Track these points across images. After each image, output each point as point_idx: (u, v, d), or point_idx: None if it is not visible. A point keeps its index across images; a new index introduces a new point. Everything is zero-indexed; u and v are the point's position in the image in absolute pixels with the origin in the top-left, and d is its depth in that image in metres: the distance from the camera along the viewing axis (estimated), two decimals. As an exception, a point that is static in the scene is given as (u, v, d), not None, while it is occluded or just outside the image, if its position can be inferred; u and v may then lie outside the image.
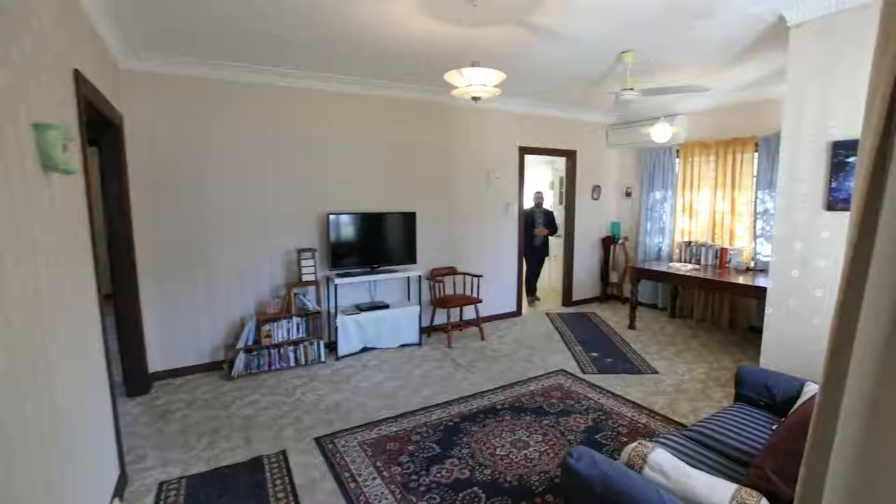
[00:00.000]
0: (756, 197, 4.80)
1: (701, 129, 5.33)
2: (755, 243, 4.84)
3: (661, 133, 4.59)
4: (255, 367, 3.99)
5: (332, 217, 4.35)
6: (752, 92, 4.78)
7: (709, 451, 2.07)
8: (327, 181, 4.48)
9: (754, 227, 4.84)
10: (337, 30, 3.12)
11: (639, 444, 1.79)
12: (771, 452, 1.64)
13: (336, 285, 4.38)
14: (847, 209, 2.60)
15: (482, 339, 4.96)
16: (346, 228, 4.49)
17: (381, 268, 4.72)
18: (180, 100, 3.78)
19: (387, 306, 4.64)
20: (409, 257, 4.83)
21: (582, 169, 6.20)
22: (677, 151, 5.59)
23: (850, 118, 2.58)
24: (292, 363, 4.15)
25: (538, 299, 6.58)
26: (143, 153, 3.66)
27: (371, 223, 4.62)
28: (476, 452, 2.78)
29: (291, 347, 4.15)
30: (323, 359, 4.27)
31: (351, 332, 4.42)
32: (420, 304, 4.81)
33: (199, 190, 3.92)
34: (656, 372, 4.00)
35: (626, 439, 2.90)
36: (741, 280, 4.36)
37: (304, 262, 4.23)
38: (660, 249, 5.87)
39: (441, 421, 3.18)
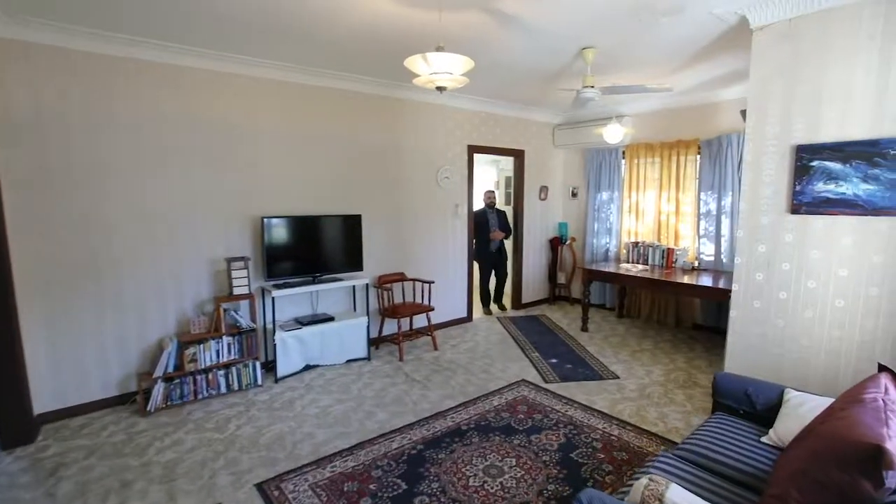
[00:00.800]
0: (699, 198, 4.94)
1: (646, 131, 5.41)
2: (699, 243, 4.98)
3: (613, 134, 4.56)
4: (177, 398, 3.40)
5: (267, 220, 3.84)
6: (696, 96, 4.90)
7: (710, 474, 1.92)
8: (262, 180, 3.95)
9: (698, 227, 4.97)
10: (280, 8, 2.67)
11: (650, 480, 1.58)
12: (794, 481, 1.49)
13: (273, 298, 3.87)
14: (813, 212, 2.62)
15: (435, 349, 4.67)
16: (284, 233, 3.99)
17: (324, 276, 4.26)
18: (73, 78, 3.10)
19: (331, 319, 4.20)
20: (355, 264, 4.42)
21: (530, 169, 6.10)
22: (623, 152, 5.65)
23: (814, 122, 2.59)
24: (224, 390, 3.59)
25: (504, 308, 6.15)
26: (19, 142, 2.95)
27: (313, 227, 4.15)
28: (447, 486, 2.48)
29: (222, 372, 3.59)
30: (260, 382, 3.75)
31: (291, 349, 3.94)
32: (368, 314, 4.42)
33: (100, 186, 3.25)
34: (617, 376, 3.93)
35: (602, 456, 2.74)
36: (686, 279, 4.44)
37: (234, 273, 3.68)
38: (607, 250, 5.92)
39: (403, 449, 2.84)
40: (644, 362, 4.24)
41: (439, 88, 2.48)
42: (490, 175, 7.64)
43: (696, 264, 4.87)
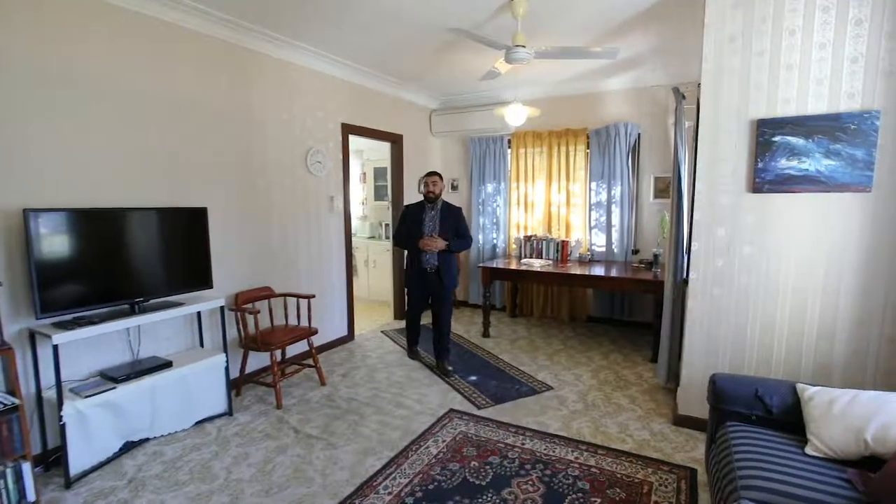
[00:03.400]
0: (589, 188, 4.86)
1: (531, 120, 5.13)
2: (590, 234, 4.90)
3: (515, 115, 4.11)
4: None
5: (35, 217, 2.26)
6: (582, 85, 4.81)
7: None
8: (27, 150, 2.33)
9: (589, 218, 4.89)
10: None
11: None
12: None
13: (55, 346, 2.29)
14: (775, 191, 2.47)
15: (323, 383, 3.55)
16: (72, 237, 2.43)
17: (151, 302, 2.79)
18: None
19: (167, 365, 2.76)
20: (200, 279, 3.04)
21: (409, 157, 5.33)
22: (509, 141, 5.31)
23: (774, 95, 2.44)
24: (-49, 530, 1.94)
25: (448, 373, 3.68)
26: None
27: (126, 227, 2.66)
28: None
29: (-54, 497, 1.93)
30: (31, 497, 2.16)
31: (97, 425, 2.41)
32: (226, 349, 3.08)
33: None
34: (550, 386, 3.45)
35: (598, 500, 2.15)
36: (579, 270, 4.27)
37: (-31, 311, 2.03)
38: (495, 246, 5.52)
39: (334, 566, 1.79)
40: (566, 365, 3.88)
41: None
42: (354, 166, 6.61)
43: (591, 256, 4.77)
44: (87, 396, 2.37)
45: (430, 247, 3.62)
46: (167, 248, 2.87)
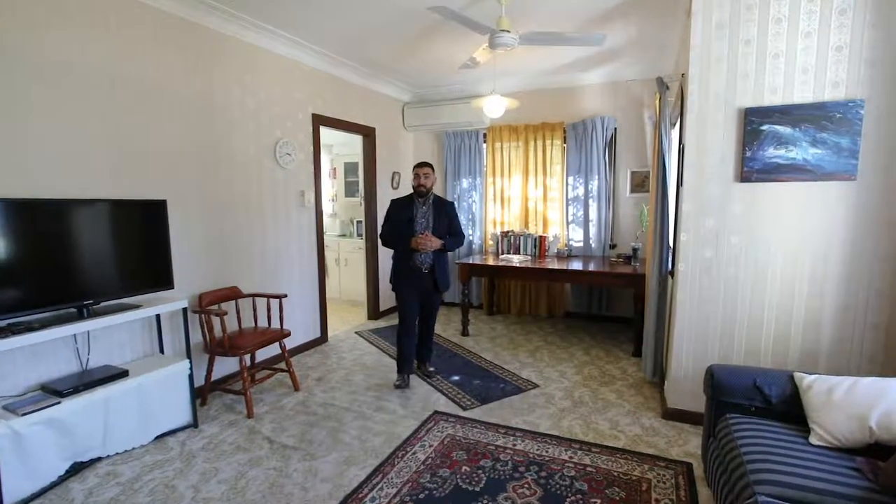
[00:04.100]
0: (566, 182, 4.82)
1: (509, 113, 5.04)
2: (568, 229, 4.87)
3: (494, 107, 4.00)
4: None
5: (-36, 207, 1.96)
6: (558, 78, 4.76)
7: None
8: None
9: (566, 212, 4.85)
10: None
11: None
12: None
13: (-11, 355, 2.00)
14: (764, 180, 2.46)
15: (297, 388, 3.32)
16: (7, 232, 2.12)
17: (102, 304, 2.51)
18: None
19: (122, 375, 2.49)
20: (160, 279, 2.76)
21: (381, 150, 5.13)
22: (484, 136, 5.21)
23: (761, 83, 2.43)
24: None
25: (429, 374, 3.51)
26: None
27: (72, 220, 2.37)
28: None
29: None
30: (-36, 530, 1.87)
31: (37, 447, 2.12)
32: (189, 354, 2.81)
33: None
34: (535, 384, 3.36)
35: (598, 501, 2.06)
36: (558, 266, 4.22)
37: None
38: (471, 242, 5.41)
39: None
40: (548, 362, 3.80)
41: None
42: (323, 161, 6.33)
43: (569, 251, 4.73)
44: (24, 414, 2.08)
45: (426, 246, 3.18)
46: (121, 244, 2.59)
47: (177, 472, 2.34)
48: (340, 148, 6.24)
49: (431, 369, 3.58)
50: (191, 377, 2.79)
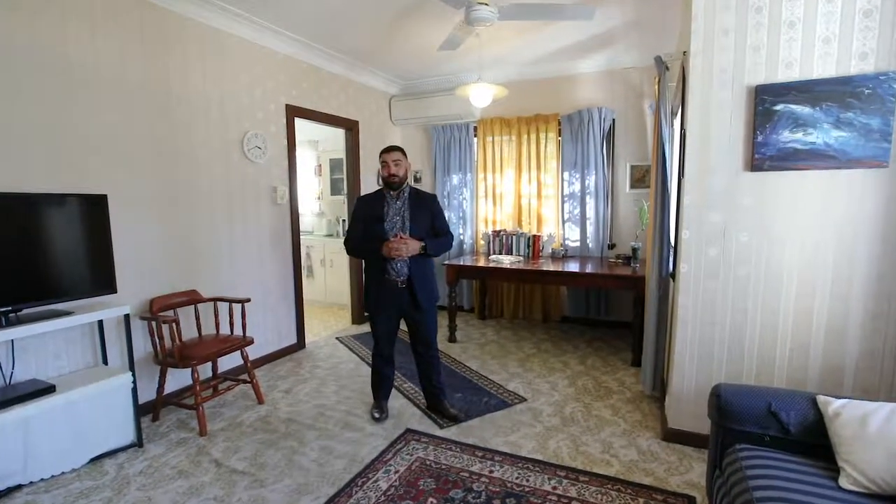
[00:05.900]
0: (562, 178, 4.50)
1: (500, 104, 4.74)
2: (564, 228, 4.54)
3: (480, 95, 3.69)
4: None
5: None
6: (551, 67, 4.45)
7: None
8: None
9: (562, 210, 4.53)
10: None
11: None
12: None
13: None
14: (778, 168, 2.13)
15: (261, 401, 3.04)
16: None
17: (31, 309, 2.23)
18: None
19: (47, 390, 2.21)
20: (101, 282, 2.48)
21: (365, 147, 4.85)
22: (475, 129, 4.91)
23: (775, 57, 2.10)
24: None
25: (455, 418, 2.74)
26: None
27: (-12, 216, 2.10)
28: None
29: None
30: None
31: (-60, 474, 1.85)
32: (132, 366, 2.53)
33: None
34: (523, 398, 3.05)
35: (583, 546, 1.75)
36: (552, 267, 3.91)
37: None
38: (461, 242, 5.10)
39: None
40: (539, 372, 3.49)
41: None
42: (307, 157, 6.07)
43: (565, 251, 4.41)
44: (-78, 437, 1.81)
45: (400, 252, 2.50)
46: (52, 243, 2.31)
47: (104, 501, 2.05)
48: (327, 143, 5.96)
49: (454, 411, 2.77)
50: (134, 391, 2.51)
